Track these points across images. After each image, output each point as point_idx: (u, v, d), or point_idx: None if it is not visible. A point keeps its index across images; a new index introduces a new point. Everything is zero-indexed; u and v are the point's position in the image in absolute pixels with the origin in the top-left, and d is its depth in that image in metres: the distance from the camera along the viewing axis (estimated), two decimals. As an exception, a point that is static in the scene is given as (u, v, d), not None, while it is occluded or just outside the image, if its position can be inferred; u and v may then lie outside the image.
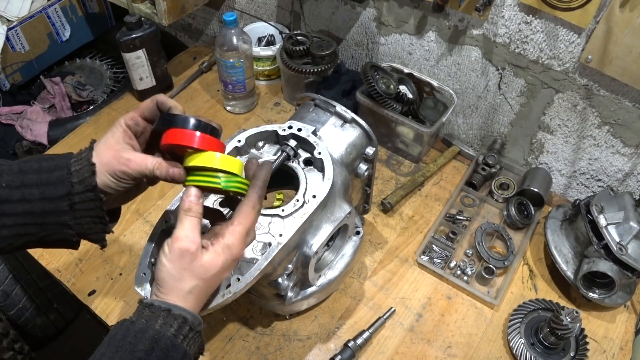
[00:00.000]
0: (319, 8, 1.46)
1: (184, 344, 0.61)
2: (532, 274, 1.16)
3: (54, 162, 0.67)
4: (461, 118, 1.39)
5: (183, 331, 0.61)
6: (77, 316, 1.87)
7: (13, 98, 1.71)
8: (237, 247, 0.65)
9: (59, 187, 0.65)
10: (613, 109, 1.10)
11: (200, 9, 1.76)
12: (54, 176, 0.65)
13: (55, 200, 0.65)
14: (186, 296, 0.64)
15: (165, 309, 0.61)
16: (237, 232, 0.65)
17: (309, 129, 0.90)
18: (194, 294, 0.64)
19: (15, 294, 1.52)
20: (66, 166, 0.66)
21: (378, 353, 1.01)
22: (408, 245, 1.19)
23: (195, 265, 0.63)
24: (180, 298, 0.63)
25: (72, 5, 1.77)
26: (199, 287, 0.64)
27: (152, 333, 0.59)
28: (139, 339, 0.58)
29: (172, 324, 0.61)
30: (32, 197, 0.65)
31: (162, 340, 0.59)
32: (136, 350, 0.58)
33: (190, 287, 0.63)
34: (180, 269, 0.63)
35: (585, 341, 1.01)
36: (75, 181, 0.66)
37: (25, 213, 0.65)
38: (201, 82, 1.57)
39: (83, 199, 0.66)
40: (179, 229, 0.64)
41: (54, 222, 0.67)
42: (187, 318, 0.62)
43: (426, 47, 1.31)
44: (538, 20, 1.07)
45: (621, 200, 1.05)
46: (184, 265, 0.63)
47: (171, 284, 0.63)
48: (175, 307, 0.62)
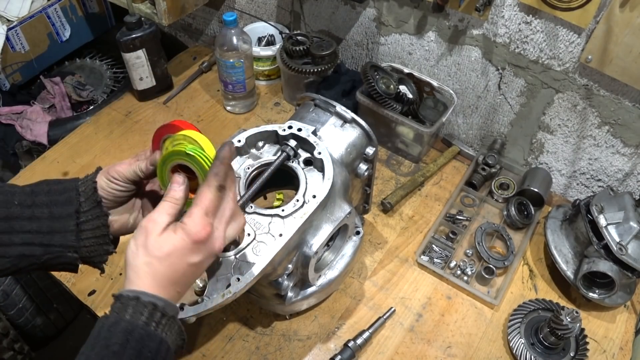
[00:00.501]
0: (319, 8, 1.46)
1: (158, 331, 0.59)
2: (532, 274, 1.16)
3: (63, 185, 0.72)
4: (461, 118, 1.39)
5: (155, 318, 0.59)
6: (77, 316, 1.87)
7: (13, 98, 1.71)
8: (195, 226, 0.62)
9: (67, 207, 0.69)
10: (613, 109, 1.10)
11: (200, 9, 1.76)
12: (63, 197, 0.70)
13: (63, 219, 0.69)
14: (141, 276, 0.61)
15: (133, 297, 0.59)
16: (192, 213, 0.63)
17: (309, 129, 0.90)
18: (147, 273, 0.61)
19: (15, 294, 1.52)
20: (74, 188, 0.71)
21: (378, 353, 1.01)
22: (408, 245, 1.19)
23: (149, 241, 0.61)
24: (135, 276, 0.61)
25: (72, 5, 1.77)
26: (153, 266, 0.61)
27: (124, 325, 0.57)
28: (112, 332, 0.57)
29: (142, 311, 0.59)
30: (42, 215, 0.68)
31: (135, 330, 0.57)
32: (111, 344, 0.56)
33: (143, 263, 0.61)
34: (138, 245, 0.62)
35: (585, 341, 1.01)
36: (82, 200, 0.70)
37: (34, 231, 0.68)
38: (201, 82, 1.57)
39: (89, 217, 0.71)
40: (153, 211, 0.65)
41: (59, 244, 0.69)
42: (157, 304, 0.60)
43: (426, 47, 1.31)
44: (538, 20, 1.07)
45: (621, 200, 1.05)
46: (139, 241, 0.62)
47: (130, 260, 0.62)
48: (143, 294, 0.60)
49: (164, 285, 0.62)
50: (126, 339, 0.57)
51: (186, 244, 0.62)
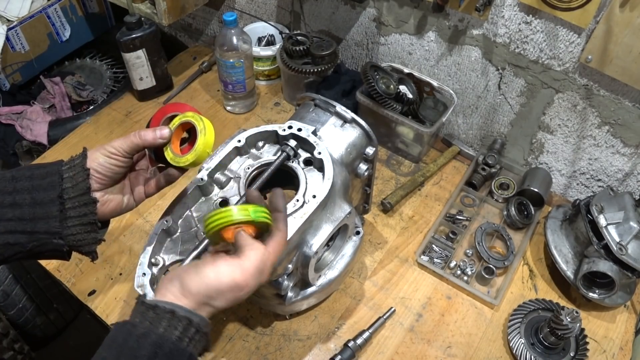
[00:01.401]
0: (319, 8, 1.46)
1: (189, 347, 0.59)
2: (532, 274, 1.16)
3: (45, 169, 0.69)
4: (461, 118, 1.39)
5: (188, 334, 0.59)
6: (77, 316, 1.87)
7: (13, 98, 1.71)
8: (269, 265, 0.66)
9: (49, 191, 0.66)
10: (613, 109, 1.10)
11: (200, 9, 1.76)
12: (46, 182, 0.67)
13: (46, 204, 0.66)
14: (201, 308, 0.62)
15: (169, 311, 0.59)
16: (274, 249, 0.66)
17: (309, 129, 0.90)
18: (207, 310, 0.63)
19: (15, 294, 1.52)
20: (57, 172, 0.68)
21: (378, 353, 1.01)
22: (408, 245, 1.19)
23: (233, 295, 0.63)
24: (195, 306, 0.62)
25: (72, 5, 1.77)
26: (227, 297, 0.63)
27: (155, 338, 0.57)
28: (142, 344, 0.57)
29: (176, 326, 0.59)
30: (23, 202, 0.66)
31: (166, 344, 0.57)
32: (139, 356, 0.56)
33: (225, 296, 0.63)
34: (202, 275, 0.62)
35: (585, 341, 1.01)
36: (68, 186, 0.67)
37: (16, 219, 0.65)
38: (201, 82, 1.57)
39: (75, 203, 0.68)
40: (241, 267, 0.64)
41: (44, 231, 0.67)
42: (192, 320, 0.60)
43: (426, 47, 1.31)
44: (538, 20, 1.07)
45: (621, 200, 1.05)
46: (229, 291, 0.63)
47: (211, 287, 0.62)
48: (180, 309, 0.60)
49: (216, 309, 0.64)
50: (155, 352, 0.56)
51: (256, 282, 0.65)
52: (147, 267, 0.77)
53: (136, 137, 0.72)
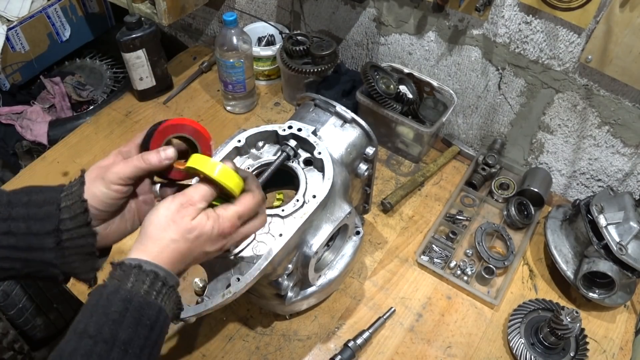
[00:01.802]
0: (319, 8, 1.46)
1: (157, 300, 0.59)
2: (532, 274, 1.16)
3: (43, 195, 0.66)
4: (461, 118, 1.39)
5: (155, 287, 0.60)
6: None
7: (13, 98, 1.71)
8: (226, 221, 0.64)
9: (46, 223, 0.64)
10: (613, 109, 1.10)
11: (200, 9, 1.76)
12: (42, 211, 0.64)
13: (41, 236, 0.64)
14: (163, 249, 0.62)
15: (135, 266, 0.59)
16: (230, 208, 0.65)
17: (309, 129, 0.90)
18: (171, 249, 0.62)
19: (15, 294, 1.52)
20: (55, 201, 0.65)
21: (378, 353, 1.01)
22: (408, 245, 1.19)
23: (184, 221, 0.62)
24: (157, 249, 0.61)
25: (72, 5, 1.77)
26: (178, 245, 0.62)
27: (124, 293, 0.57)
28: (111, 300, 0.57)
29: (144, 280, 0.59)
30: (18, 230, 0.64)
31: (135, 298, 0.58)
32: (110, 312, 0.56)
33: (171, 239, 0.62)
34: (170, 220, 0.62)
35: (585, 341, 1.01)
36: (66, 217, 0.65)
37: (10, 247, 0.64)
38: (201, 82, 1.57)
39: (73, 235, 0.65)
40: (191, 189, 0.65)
41: (38, 260, 0.65)
42: (158, 273, 0.60)
43: (426, 47, 1.31)
44: (538, 20, 1.07)
45: (621, 200, 1.05)
46: (174, 217, 0.62)
47: (155, 232, 0.62)
48: (146, 263, 0.60)
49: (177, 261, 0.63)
50: (125, 307, 0.57)
51: (212, 234, 0.64)
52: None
53: (140, 162, 0.67)
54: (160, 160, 0.68)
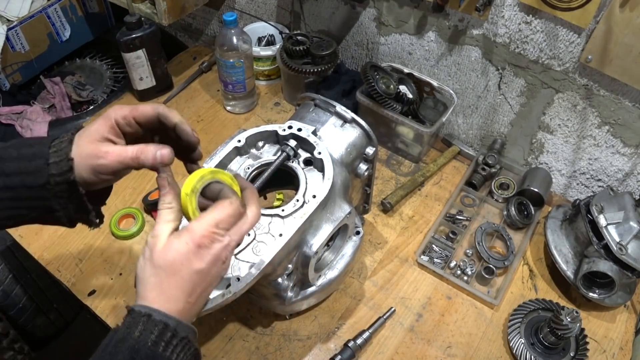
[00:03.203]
0: (319, 8, 1.46)
1: (166, 353, 0.57)
2: (532, 274, 1.16)
3: (32, 149, 0.66)
4: (461, 118, 1.39)
5: (164, 338, 0.57)
6: (77, 316, 1.87)
7: (13, 98, 1.71)
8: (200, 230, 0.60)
9: (37, 177, 0.65)
10: (613, 109, 1.10)
11: (200, 9, 1.76)
12: (33, 165, 0.65)
13: (37, 188, 0.65)
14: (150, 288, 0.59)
15: (145, 314, 0.57)
16: (202, 217, 0.61)
17: (309, 129, 0.90)
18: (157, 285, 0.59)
19: (15, 294, 1.52)
20: (44, 156, 0.65)
21: (378, 353, 1.01)
22: (408, 245, 1.19)
23: (154, 253, 0.60)
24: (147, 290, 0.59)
25: (72, 5, 1.77)
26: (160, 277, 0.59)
27: (132, 342, 0.56)
28: (119, 348, 0.56)
29: (152, 330, 0.56)
30: (14, 184, 0.65)
31: (142, 349, 0.55)
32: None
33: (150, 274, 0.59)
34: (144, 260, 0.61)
35: (585, 341, 1.01)
36: (54, 172, 0.65)
37: (10, 199, 0.65)
38: (201, 82, 1.57)
39: (63, 190, 0.66)
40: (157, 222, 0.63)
41: (42, 206, 0.67)
42: (168, 324, 0.58)
43: (426, 47, 1.31)
44: (538, 20, 1.07)
45: (621, 200, 1.05)
46: (146, 255, 0.61)
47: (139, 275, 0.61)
48: (156, 312, 0.58)
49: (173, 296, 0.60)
50: (131, 357, 0.55)
51: (189, 248, 0.60)
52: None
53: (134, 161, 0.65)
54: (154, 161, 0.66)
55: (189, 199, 0.64)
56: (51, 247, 1.15)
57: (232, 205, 0.63)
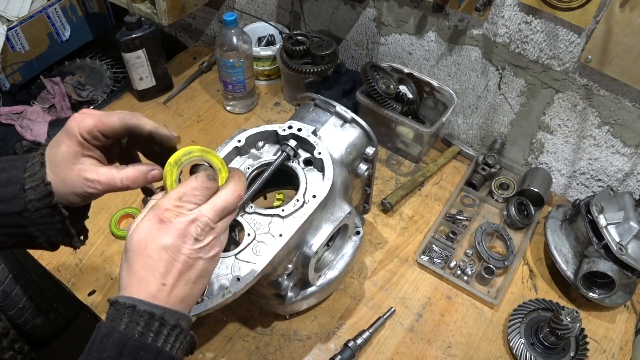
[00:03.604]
0: (319, 8, 1.46)
1: (156, 344, 0.54)
2: (532, 274, 1.16)
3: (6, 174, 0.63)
4: (461, 118, 1.39)
5: (152, 328, 0.54)
6: (77, 316, 1.86)
7: (13, 98, 1.71)
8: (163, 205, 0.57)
9: (13, 204, 0.62)
10: (613, 109, 1.10)
11: (200, 9, 1.76)
12: (8, 192, 0.62)
13: (14, 215, 0.62)
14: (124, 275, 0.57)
15: (129, 306, 0.54)
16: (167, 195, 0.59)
17: (309, 129, 0.90)
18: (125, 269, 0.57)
19: (15, 294, 1.52)
20: (19, 181, 0.62)
21: (378, 353, 1.01)
22: (408, 245, 1.19)
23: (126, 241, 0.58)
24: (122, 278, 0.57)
25: (72, 5, 1.77)
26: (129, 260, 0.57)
27: (118, 337, 0.53)
28: (104, 344, 0.53)
29: (138, 321, 0.54)
30: None
31: (129, 343, 0.53)
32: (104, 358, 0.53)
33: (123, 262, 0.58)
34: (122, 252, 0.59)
35: (585, 341, 1.01)
36: (32, 198, 0.62)
37: None
38: (201, 82, 1.57)
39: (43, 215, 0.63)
40: None
41: (20, 233, 0.64)
42: (153, 313, 0.55)
43: (426, 47, 1.31)
44: (538, 20, 1.07)
45: (621, 200, 1.05)
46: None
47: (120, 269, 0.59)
48: (141, 303, 0.55)
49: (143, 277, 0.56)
50: (119, 351, 0.53)
51: (152, 224, 0.57)
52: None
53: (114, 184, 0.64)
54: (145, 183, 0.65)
55: (169, 169, 0.62)
56: (51, 247, 1.15)
57: (197, 180, 0.61)
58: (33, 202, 0.62)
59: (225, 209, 0.61)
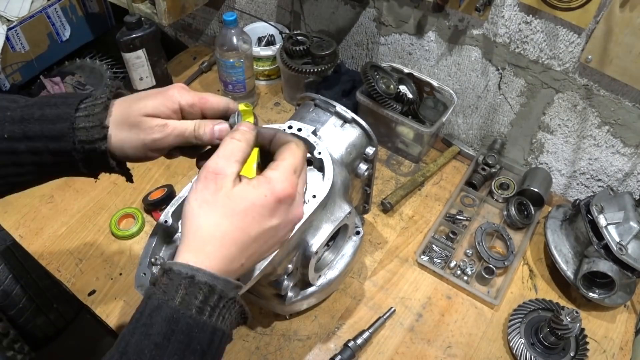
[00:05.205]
0: (319, 8, 1.46)
1: (212, 319, 0.49)
2: (532, 274, 1.16)
3: (57, 110, 0.59)
4: (461, 118, 1.39)
5: (210, 302, 0.48)
6: (77, 316, 1.87)
7: (13, 98, 1.71)
8: (281, 181, 0.52)
9: (62, 142, 0.59)
10: (613, 109, 1.10)
11: (200, 9, 1.76)
12: (57, 128, 0.58)
13: (63, 154, 0.60)
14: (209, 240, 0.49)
15: (187, 276, 0.48)
16: (279, 166, 0.53)
17: (309, 129, 0.90)
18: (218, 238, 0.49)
19: (15, 294, 1.52)
20: (69, 118, 0.58)
21: (378, 353, 1.01)
22: (408, 245, 1.19)
23: (219, 196, 0.50)
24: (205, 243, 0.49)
25: (72, 5, 1.77)
26: (222, 228, 0.49)
27: (169, 312, 0.47)
28: (154, 319, 0.47)
29: (196, 295, 0.48)
30: (37, 150, 0.59)
31: (183, 319, 0.47)
32: (152, 334, 0.46)
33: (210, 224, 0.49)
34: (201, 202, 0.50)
35: (585, 341, 1.01)
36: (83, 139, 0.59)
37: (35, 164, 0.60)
38: (201, 82, 1.57)
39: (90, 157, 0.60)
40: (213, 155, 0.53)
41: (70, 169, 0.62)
42: (214, 286, 0.48)
43: (426, 47, 1.31)
44: (538, 20, 1.07)
45: (621, 200, 1.05)
46: (205, 196, 0.50)
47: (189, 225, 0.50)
48: (199, 272, 0.48)
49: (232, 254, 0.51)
50: (171, 329, 0.47)
51: (268, 202, 0.51)
52: (147, 267, 0.77)
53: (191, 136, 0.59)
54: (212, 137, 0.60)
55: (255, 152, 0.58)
56: (51, 247, 1.15)
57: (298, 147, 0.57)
58: (83, 143, 0.59)
59: None
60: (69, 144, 0.58)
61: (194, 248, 0.50)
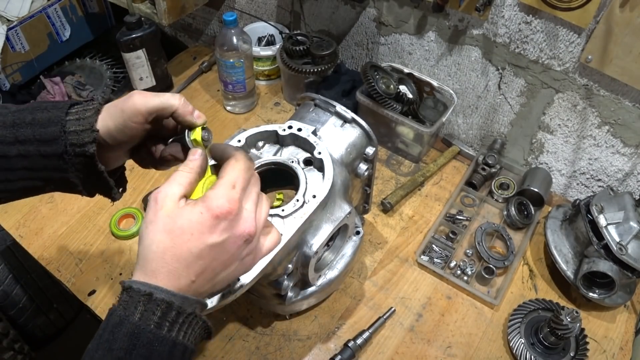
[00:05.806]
0: (319, 8, 1.46)
1: (171, 334, 0.51)
2: (532, 274, 1.16)
3: (48, 114, 0.61)
4: (461, 118, 1.39)
5: (168, 318, 0.51)
6: (77, 316, 1.87)
7: (13, 98, 1.71)
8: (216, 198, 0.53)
9: (53, 145, 0.60)
10: (613, 109, 1.10)
11: (200, 9, 1.76)
12: (48, 132, 0.60)
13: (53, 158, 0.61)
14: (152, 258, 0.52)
15: (145, 294, 0.50)
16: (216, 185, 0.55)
17: (309, 129, 0.90)
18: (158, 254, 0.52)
19: (15, 294, 1.52)
20: (60, 122, 0.60)
21: (378, 353, 1.01)
22: (408, 245, 1.19)
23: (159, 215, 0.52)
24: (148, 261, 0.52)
25: (72, 5, 1.77)
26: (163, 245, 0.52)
27: (130, 327, 0.49)
28: (116, 334, 0.50)
29: (154, 311, 0.50)
30: (29, 153, 0.60)
31: (143, 334, 0.50)
32: (114, 349, 0.49)
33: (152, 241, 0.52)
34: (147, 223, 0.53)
35: (585, 341, 1.01)
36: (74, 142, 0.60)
37: (26, 169, 0.61)
38: (201, 82, 1.57)
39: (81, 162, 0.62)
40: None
41: (59, 178, 0.63)
42: (172, 302, 0.51)
43: (426, 47, 1.31)
44: (538, 20, 1.07)
45: (621, 200, 1.05)
46: (150, 217, 0.53)
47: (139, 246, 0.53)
48: (157, 290, 0.51)
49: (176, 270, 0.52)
50: (132, 343, 0.49)
51: (204, 219, 0.52)
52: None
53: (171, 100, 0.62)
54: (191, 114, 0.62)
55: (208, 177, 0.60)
56: (51, 247, 1.15)
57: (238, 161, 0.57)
58: (74, 146, 0.60)
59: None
60: (60, 147, 0.60)
61: (141, 266, 0.53)
